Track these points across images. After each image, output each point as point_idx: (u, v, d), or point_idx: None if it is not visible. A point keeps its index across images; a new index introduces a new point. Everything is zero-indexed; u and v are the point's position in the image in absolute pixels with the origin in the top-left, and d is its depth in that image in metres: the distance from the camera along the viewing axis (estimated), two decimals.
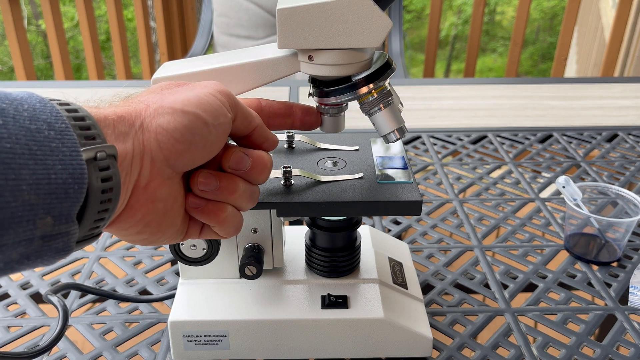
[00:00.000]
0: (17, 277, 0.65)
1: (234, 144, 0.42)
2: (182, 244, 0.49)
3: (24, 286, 0.64)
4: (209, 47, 2.04)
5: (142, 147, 0.35)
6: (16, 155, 0.27)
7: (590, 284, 0.64)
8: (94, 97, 0.37)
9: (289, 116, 0.47)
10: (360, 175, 0.50)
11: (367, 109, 0.47)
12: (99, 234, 0.34)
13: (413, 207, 0.46)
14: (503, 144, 0.97)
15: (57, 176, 0.29)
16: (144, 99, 0.37)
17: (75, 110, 0.32)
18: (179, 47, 2.44)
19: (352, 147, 0.55)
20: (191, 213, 0.39)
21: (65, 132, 0.30)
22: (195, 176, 0.38)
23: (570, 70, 3.29)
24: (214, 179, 0.38)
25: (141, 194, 0.35)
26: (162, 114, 0.35)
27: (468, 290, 0.63)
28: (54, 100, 0.32)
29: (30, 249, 0.29)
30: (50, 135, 0.29)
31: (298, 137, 0.56)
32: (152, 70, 2.30)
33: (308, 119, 0.48)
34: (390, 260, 0.59)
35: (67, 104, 0.32)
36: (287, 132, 0.55)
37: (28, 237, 0.28)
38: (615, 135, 1.00)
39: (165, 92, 0.38)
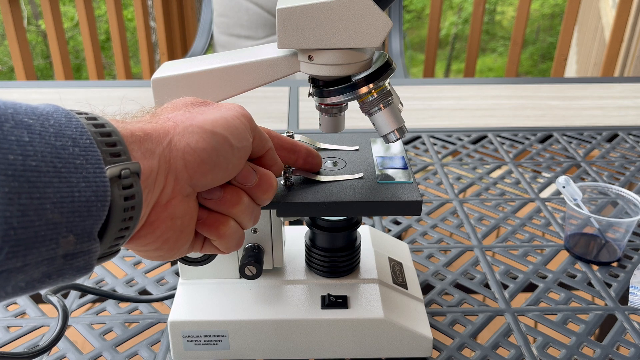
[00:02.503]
0: None
1: None
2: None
3: None
4: (209, 47, 2.04)
5: (167, 165, 0.35)
6: (41, 174, 0.27)
7: (590, 284, 0.64)
8: (121, 110, 0.38)
9: (293, 152, 0.47)
10: (360, 175, 0.50)
11: (367, 109, 0.47)
12: (117, 251, 0.34)
13: (413, 207, 0.46)
14: (503, 144, 0.97)
15: (80, 194, 0.28)
16: (172, 117, 0.37)
17: (102, 125, 0.32)
18: (179, 47, 2.44)
19: (352, 147, 0.55)
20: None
21: (90, 149, 0.29)
22: None
23: (570, 70, 3.29)
24: (218, 189, 0.39)
25: (162, 211, 0.36)
26: (191, 133, 0.36)
27: (468, 290, 0.63)
28: (81, 113, 0.32)
29: (52, 268, 0.28)
30: (75, 151, 0.29)
31: (298, 137, 0.56)
32: (152, 70, 2.30)
33: (311, 160, 0.48)
34: (390, 260, 0.59)
35: (95, 118, 0.32)
36: (286, 132, 0.55)
37: (51, 256, 0.28)
38: (615, 135, 1.00)
39: (194, 111, 0.38)
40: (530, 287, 0.64)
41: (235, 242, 0.41)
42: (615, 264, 0.67)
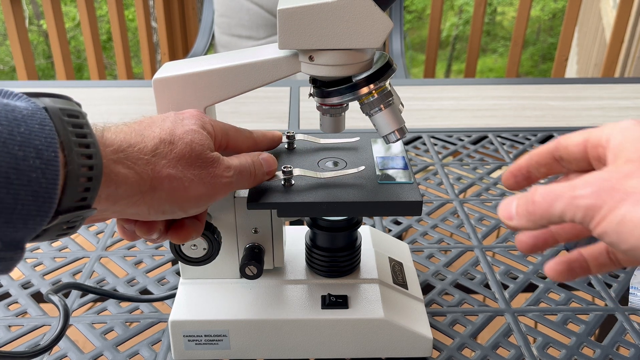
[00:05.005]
0: (18, 276, 0.65)
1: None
2: (183, 244, 0.49)
3: (25, 285, 0.64)
4: (210, 47, 2.04)
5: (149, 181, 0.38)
6: None
7: (590, 284, 0.64)
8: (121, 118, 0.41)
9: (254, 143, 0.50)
10: (362, 168, 0.49)
11: (368, 110, 0.47)
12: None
13: (413, 208, 0.46)
14: (503, 144, 0.97)
15: (23, 207, 0.28)
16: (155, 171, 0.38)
17: (87, 146, 0.32)
18: (180, 47, 2.44)
19: (353, 138, 0.56)
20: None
21: (51, 162, 0.29)
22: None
23: (571, 71, 3.29)
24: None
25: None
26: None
27: (468, 291, 0.63)
28: (72, 115, 0.32)
29: None
30: (35, 164, 0.29)
31: (299, 136, 0.56)
32: (153, 70, 2.30)
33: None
34: (391, 260, 0.59)
35: (87, 147, 0.32)
36: (287, 132, 0.55)
37: None
38: None
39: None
40: (531, 288, 0.64)
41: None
42: None
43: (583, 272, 0.39)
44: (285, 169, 0.48)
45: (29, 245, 0.73)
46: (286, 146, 0.55)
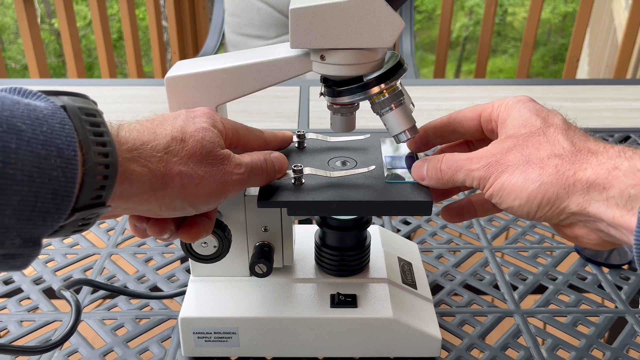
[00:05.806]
0: (30, 272, 0.66)
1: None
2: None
3: (37, 281, 0.65)
4: (220, 47, 2.05)
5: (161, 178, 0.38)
6: (15, 182, 0.27)
7: (600, 286, 0.64)
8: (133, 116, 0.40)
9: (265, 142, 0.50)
10: (373, 167, 0.50)
11: (379, 109, 0.47)
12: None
13: (423, 208, 0.46)
14: None
15: (43, 204, 0.29)
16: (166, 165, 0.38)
17: (101, 134, 0.33)
18: (190, 47, 2.45)
19: (363, 135, 0.56)
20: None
21: (71, 161, 0.30)
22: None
23: (582, 72, 3.27)
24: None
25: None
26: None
27: (477, 291, 0.63)
28: (90, 114, 0.33)
29: None
30: (56, 163, 0.29)
31: (309, 135, 0.56)
32: (164, 69, 2.31)
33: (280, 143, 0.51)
34: (400, 260, 0.59)
35: (104, 145, 0.33)
36: (297, 132, 0.55)
37: None
38: (627, 138, 0.99)
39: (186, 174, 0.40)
40: (540, 289, 0.63)
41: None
42: (626, 267, 0.66)
43: (471, 215, 0.50)
44: (295, 168, 0.48)
45: None
46: (297, 145, 0.55)
